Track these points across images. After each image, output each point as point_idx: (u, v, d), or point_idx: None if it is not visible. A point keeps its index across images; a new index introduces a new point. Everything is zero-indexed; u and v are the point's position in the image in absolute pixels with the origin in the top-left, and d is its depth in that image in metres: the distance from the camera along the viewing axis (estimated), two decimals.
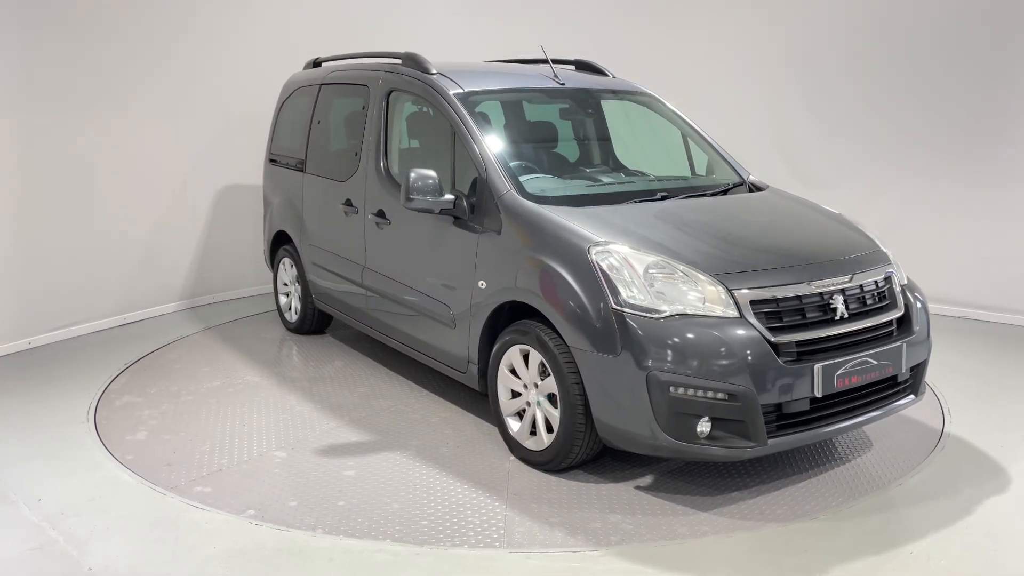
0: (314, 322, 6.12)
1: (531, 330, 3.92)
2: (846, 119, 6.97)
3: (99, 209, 6.35)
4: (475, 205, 4.27)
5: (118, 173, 6.43)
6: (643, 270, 3.63)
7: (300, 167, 5.92)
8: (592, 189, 4.61)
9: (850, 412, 3.73)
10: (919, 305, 4.08)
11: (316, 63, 6.20)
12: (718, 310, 3.53)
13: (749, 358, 3.43)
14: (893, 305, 3.96)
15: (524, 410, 4.09)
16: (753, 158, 5.75)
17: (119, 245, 6.51)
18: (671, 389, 3.44)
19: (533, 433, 4.03)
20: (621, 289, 3.59)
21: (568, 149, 5.29)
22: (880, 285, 3.94)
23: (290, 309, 6.31)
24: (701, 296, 3.56)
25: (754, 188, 4.89)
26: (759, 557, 3.29)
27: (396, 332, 5.01)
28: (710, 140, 5.29)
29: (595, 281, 3.66)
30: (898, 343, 3.84)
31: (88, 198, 6.26)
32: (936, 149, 6.64)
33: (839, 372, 3.59)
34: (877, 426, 4.43)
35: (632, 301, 3.56)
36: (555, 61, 5.36)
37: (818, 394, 3.55)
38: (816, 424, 3.63)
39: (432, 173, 4.24)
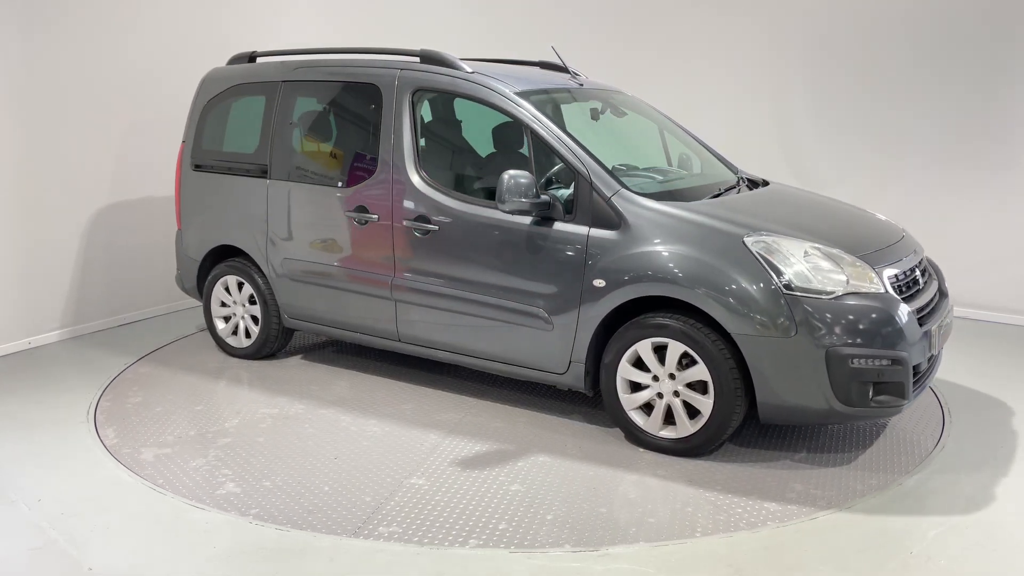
0: (276, 344, 5.56)
1: (670, 323, 3.99)
2: (845, 121, 6.96)
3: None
4: (571, 204, 4.25)
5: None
6: (803, 254, 3.88)
7: (260, 173, 5.34)
8: (669, 185, 4.64)
9: (931, 369, 4.21)
10: (943, 279, 4.63)
11: (251, 58, 5.60)
12: (870, 287, 3.87)
13: (906, 326, 3.83)
14: (932, 277, 4.49)
15: (651, 403, 4.14)
16: (752, 157, 5.76)
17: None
18: (851, 361, 3.72)
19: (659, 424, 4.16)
20: (788, 273, 3.82)
21: (609, 148, 5.25)
22: (923, 261, 4.46)
23: (236, 333, 5.63)
24: (846, 276, 3.86)
25: (753, 183, 4.95)
26: (758, 557, 3.30)
27: (443, 343, 4.75)
28: (700, 140, 5.32)
29: (759, 268, 3.85)
30: (950, 307, 4.40)
31: None
32: (936, 150, 6.63)
33: (940, 334, 4.14)
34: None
35: (802, 284, 3.80)
36: (521, 62, 5.34)
37: (935, 352, 4.10)
38: (923, 380, 4.06)
39: (527, 174, 4.19)
